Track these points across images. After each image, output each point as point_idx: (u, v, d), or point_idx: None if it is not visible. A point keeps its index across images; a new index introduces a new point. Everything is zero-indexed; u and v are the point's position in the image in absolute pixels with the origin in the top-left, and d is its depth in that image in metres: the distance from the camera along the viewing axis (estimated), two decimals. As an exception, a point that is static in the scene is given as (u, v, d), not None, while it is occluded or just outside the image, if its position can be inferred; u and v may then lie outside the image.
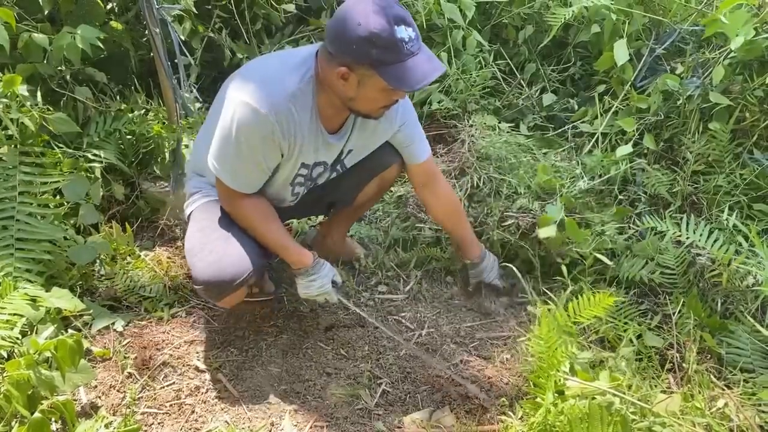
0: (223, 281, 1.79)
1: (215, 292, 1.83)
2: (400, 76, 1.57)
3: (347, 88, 1.64)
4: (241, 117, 1.65)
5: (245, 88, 1.67)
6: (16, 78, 2.17)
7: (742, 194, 2.35)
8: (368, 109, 1.73)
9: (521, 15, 3.10)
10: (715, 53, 2.59)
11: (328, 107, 1.75)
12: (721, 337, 2.01)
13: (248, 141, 1.68)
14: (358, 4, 1.55)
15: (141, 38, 2.90)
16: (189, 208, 1.98)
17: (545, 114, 2.94)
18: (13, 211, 2.08)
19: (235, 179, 1.78)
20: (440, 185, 2.15)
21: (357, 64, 1.58)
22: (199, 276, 1.80)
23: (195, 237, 1.88)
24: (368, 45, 1.53)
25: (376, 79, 1.59)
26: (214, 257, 1.80)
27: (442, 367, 1.98)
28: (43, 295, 1.89)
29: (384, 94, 1.66)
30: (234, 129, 1.67)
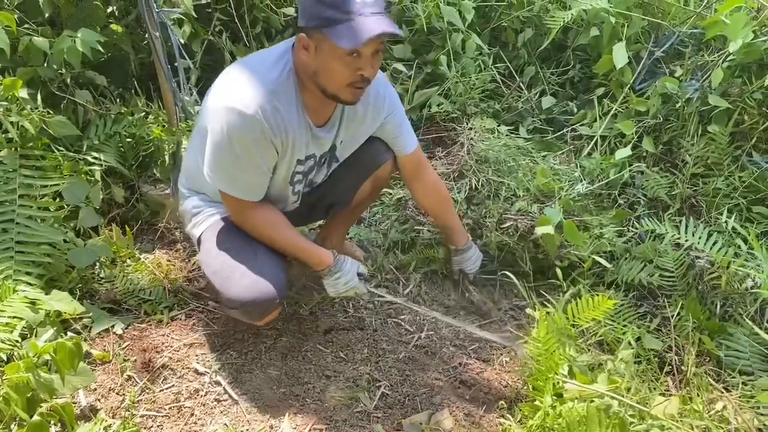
0: (265, 301, 1.80)
1: (257, 313, 1.85)
2: (347, 34, 1.53)
3: (309, 58, 1.63)
4: (229, 123, 1.65)
5: (228, 94, 1.67)
6: (16, 81, 2.18)
7: (741, 197, 2.35)
8: (335, 86, 1.67)
9: (520, 18, 3.10)
10: (714, 56, 2.60)
11: (312, 99, 1.74)
12: (720, 340, 2.02)
13: (242, 145, 1.68)
14: None
15: (141, 41, 2.91)
16: (197, 228, 1.96)
17: (544, 117, 2.95)
18: (13, 214, 2.08)
19: (238, 188, 1.77)
20: (428, 174, 2.16)
21: (312, 28, 1.58)
22: (238, 299, 1.79)
23: (219, 259, 1.85)
24: (318, 4, 1.54)
25: (328, 43, 1.57)
26: (250, 279, 1.80)
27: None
28: (42, 298, 1.89)
29: (341, 62, 1.60)
30: (225, 136, 1.67)
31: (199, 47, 2.88)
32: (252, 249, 1.86)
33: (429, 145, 2.88)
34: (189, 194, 2.01)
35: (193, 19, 2.79)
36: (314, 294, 2.25)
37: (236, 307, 1.82)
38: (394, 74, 2.86)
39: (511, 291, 2.34)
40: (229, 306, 1.85)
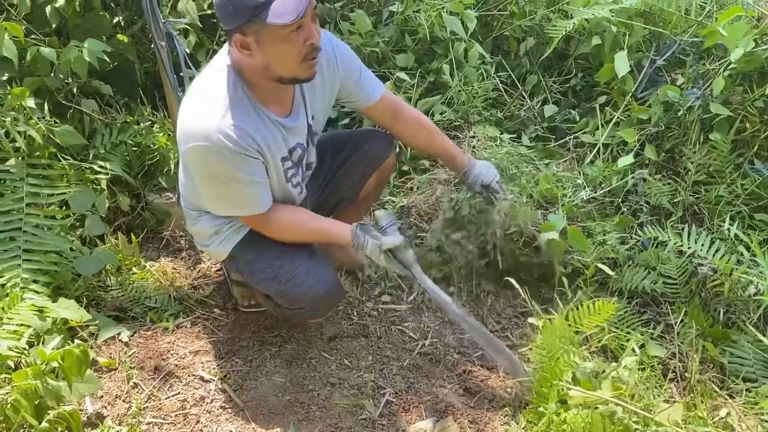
0: (334, 293, 1.93)
1: (326, 307, 1.98)
2: (281, 10, 1.49)
3: (254, 57, 1.59)
4: (201, 158, 1.65)
5: (188, 131, 1.65)
6: (24, 91, 2.21)
7: (743, 204, 2.36)
8: (291, 68, 1.63)
9: (522, 27, 3.12)
10: (715, 64, 2.61)
11: (268, 94, 1.71)
12: (724, 347, 2.03)
13: (224, 172, 1.67)
14: None
15: (147, 51, 2.93)
16: (222, 245, 1.92)
17: (547, 125, 2.96)
18: (20, 223, 2.11)
19: (245, 207, 1.78)
20: (406, 111, 2.09)
21: (244, 25, 1.53)
22: (307, 296, 1.85)
23: (272, 267, 1.87)
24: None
25: (268, 28, 1.52)
26: (316, 276, 1.86)
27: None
28: (49, 306, 1.91)
29: (287, 42, 1.57)
30: (205, 171, 1.69)
31: (205, 57, 2.90)
32: (303, 252, 1.90)
33: (432, 153, 2.89)
34: (199, 214, 1.94)
35: (198, 29, 2.81)
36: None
37: (304, 305, 1.87)
38: (398, 83, 2.88)
39: (514, 298, 2.35)
40: (295, 306, 1.89)
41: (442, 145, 2.15)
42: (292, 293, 1.85)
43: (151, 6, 2.26)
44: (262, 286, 1.91)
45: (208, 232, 1.93)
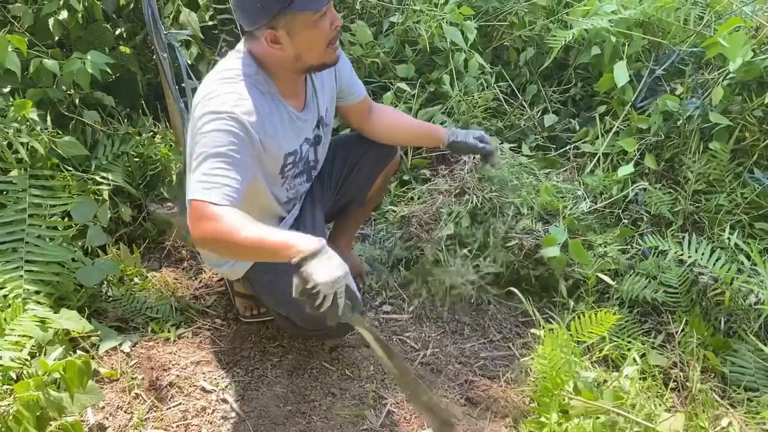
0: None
1: (345, 329, 1.95)
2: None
3: (285, 49, 1.62)
4: (212, 119, 1.57)
5: (203, 106, 1.61)
6: (27, 103, 2.22)
7: (743, 213, 2.37)
8: (318, 54, 1.68)
9: (522, 37, 3.14)
10: (714, 74, 2.63)
11: (289, 87, 1.73)
12: (725, 356, 2.03)
13: (226, 135, 1.57)
14: None
15: (148, 62, 2.95)
16: (238, 266, 1.89)
17: (547, 134, 2.97)
18: (22, 234, 2.11)
19: (211, 184, 1.52)
20: (379, 106, 2.16)
21: (274, 19, 1.56)
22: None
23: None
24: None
25: (299, 17, 1.57)
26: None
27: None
28: (51, 317, 1.91)
29: (317, 26, 1.61)
30: (209, 131, 1.57)
31: (206, 68, 2.91)
32: None
33: (433, 162, 2.90)
34: None
35: (199, 41, 2.83)
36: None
37: (324, 327, 1.79)
38: (398, 93, 2.89)
39: (516, 308, 2.35)
40: (316, 327, 1.88)
41: (419, 124, 2.23)
42: (312, 316, 1.83)
43: (153, 18, 2.28)
44: (283, 308, 1.90)
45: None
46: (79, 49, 2.55)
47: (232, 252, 1.63)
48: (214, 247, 1.60)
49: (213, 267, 2.00)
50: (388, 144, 2.17)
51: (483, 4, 3.20)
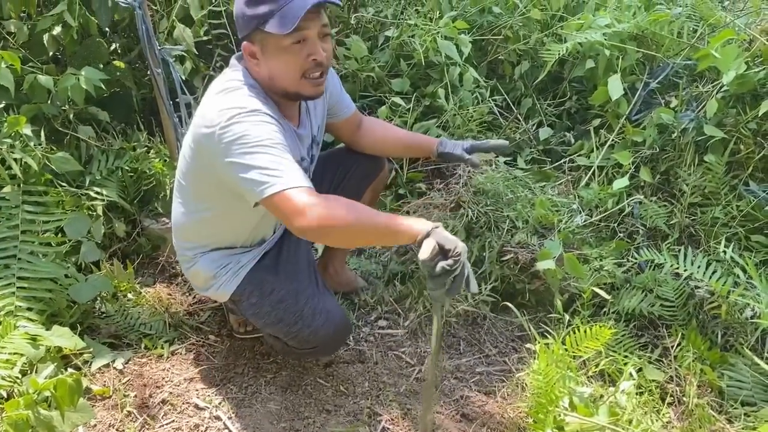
0: (343, 332, 1.92)
1: (334, 346, 2.01)
2: (280, 20, 1.54)
3: (260, 66, 1.64)
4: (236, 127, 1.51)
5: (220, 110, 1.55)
6: (20, 119, 2.22)
7: (739, 226, 2.36)
8: (291, 82, 1.64)
9: (517, 51, 3.15)
10: (708, 87, 2.63)
11: (280, 104, 1.72)
12: (722, 370, 2.01)
13: (267, 133, 1.52)
14: None
15: (143, 77, 2.95)
16: (222, 289, 1.88)
17: (542, 147, 2.97)
18: (15, 250, 2.10)
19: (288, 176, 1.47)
20: (368, 119, 2.17)
21: (252, 33, 1.61)
22: (316, 337, 1.84)
23: (277, 310, 1.84)
24: (248, 9, 1.58)
25: (272, 38, 1.57)
26: (322, 318, 1.84)
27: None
28: (43, 334, 1.90)
29: (288, 52, 1.60)
30: (242, 141, 1.50)
31: (201, 83, 2.92)
32: (306, 289, 1.87)
33: (428, 176, 2.90)
34: (193, 256, 1.90)
35: (194, 56, 2.83)
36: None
37: (315, 345, 1.87)
38: (393, 107, 2.89)
39: (512, 322, 2.34)
40: (305, 347, 1.89)
41: (407, 136, 2.21)
42: (301, 335, 1.84)
43: (147, 34, 2.29)
44: (269, 329, 1.90)
45: (204, 275, 1.89)
46: (74, 65, 2.55)
47: (350, 236, 1.52)
48: (332, 233, 1.47)
49: (200, 291, 1.96)
50: (378, 156, 2.18)
51: (477, 19, 3.21)
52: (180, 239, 1.93)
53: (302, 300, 1.84)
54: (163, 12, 2.83)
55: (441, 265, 1.40)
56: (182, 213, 1.86)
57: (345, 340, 2.05)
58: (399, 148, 2.22)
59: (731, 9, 3.42)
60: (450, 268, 1.40)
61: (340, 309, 1.92)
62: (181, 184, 1.84)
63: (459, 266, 1.41)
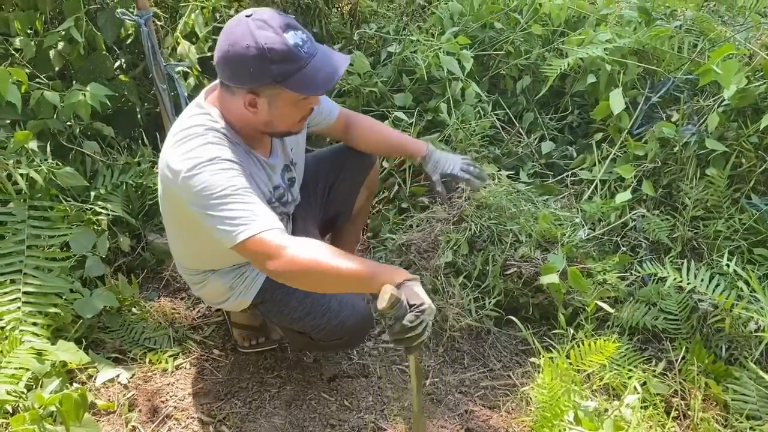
0: (368, 323, 1.95)
1: (360, 337, 2.04)
2: (309, 81, 1.53)
3: (259, 114, 1.60)
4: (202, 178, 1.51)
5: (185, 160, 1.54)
6: (27, 135, 2.24)
7: (741, 239, 2.37)
8: (287, 126, 1.68)
9: (518, 66, 3.17)
10: (710, 101, 2.65)
11: (253, 139, 1.71)
12: (727, 384, 2.01)
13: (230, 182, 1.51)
14: (237, 27, 1.50)
15: (148, 93, 2.98)
16: (243, 297, 1.89)
17: (544, 161, 2.99)
18: (21, 265, 2.11)
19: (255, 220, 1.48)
20: (358, 118, 2.15)
21: (260, 86, 1.54)
22: (344, 328, 1.87)
23: (304, 304, 1.85)
24: (265, 62, 1.48)
25: (285, 94, 1.56)
26: (349, 309, 1.86)
27: None
28: (49, 349, 1.91)
29: (298, 106, 1.62)
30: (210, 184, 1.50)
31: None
32: None
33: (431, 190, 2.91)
34: (203, 277, 1.90)
35: (198, 72, 2.86)
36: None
37: (341, 336, 1.89)
38: (396, 122, 2.91)
39: (516, 336, 2.34)
40: (333, 338, 1.90)
41: (397, 137, 2.23)
42: (329, 326, 1.85)
43: (152, 50, 2.31)
44: (298, 324, 1.90)
45: (220, 290, 1.89)
46: (80, 80, 2.58)
47: (322, 281, 1.48)
48: (304, 278, 1.48)
49: (216, 304, 1.97)
50: (365, 153, 2.19)
51: (479, 34, 3.24)
52: (184, 267, 1.94)
53: (329, 293, 1.84)
54: (168, 28, 2.87)
55: (402, 322, 1.36)
56: (177, 242, 1.90)
57: (369, 331, 2.11)
58: (385, 148, 2.27)
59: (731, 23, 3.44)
60: (410, 324, 1.36)
61: (364, 300, 1.94)
62: (165, 217, 1.86)
63: (419, 325, 1.36)
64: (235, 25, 1.51)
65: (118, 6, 2.57)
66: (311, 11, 3.36)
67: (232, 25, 1.52)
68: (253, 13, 1.51)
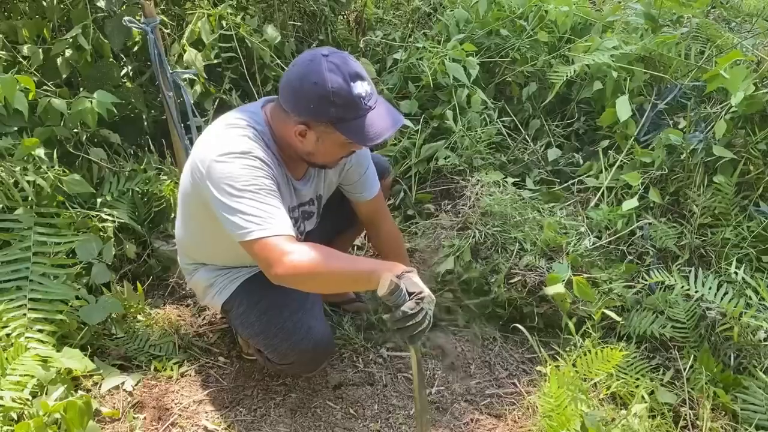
0: (324, 349, 1.91)
1: (314, 363, 1.96)
2: (360, 131, 1.59)
3: (305, 144, 1.66)
4: (228, 167, 1.58)
5: (217, 147, 1.62)
6: (35, 142, 2.25)
7: (750, 247, 2.35)
8: (325, 161, 1.76)
9: (524, 73, 3.17)
10: (717, 108, 2.63)
11: (289, 160, 1.77)
12: (735, 393, 1.99)
13: (254, 178, 1.58)
14: (312, 62, 1.57)
15: (154, 100, 2.99)
16: (216, 298, 1.95)
17: (551, 168, 2.98)
18: (27, 272, 2.11)
19: (269, 224, 1.54)
20: (386, 222, 2.17)
21: (315, 121, 1.60)
22: (294, 352, 1.84)
23: (261, 321, 1.87)
24: (327, 103, 1.55)
25: (336, 136, 1.62)
26: (302, 334, 1.84)
27: None
28: (54, 356, 1.90)
29: (342, 148, 1.69)
30: (231, 177, 1.57)
31: (211, 105, 2.95)
32: (290, 303, 1.87)
33: (437, 197, 2.91)
34: (194, 268, 2.01)
35: (204, 79, 2.86)
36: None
37: (292, 361, 1.88)
38: (402, 129, 2.91)
39: (522, 344, 2.32)
40: (284, 362, 1.90)
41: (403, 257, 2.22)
42: (281, 348, 1.85)
43: (159, 57, 2.32)
44: (253, 340, 1.94)
45: (203, 285, 1.98)
46: (87, 87, 2.59)
47: (324, 283, 1.58)
48: (306, 281, 1.56)
49: (201, 301, 2.07)
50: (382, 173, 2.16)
51: (485, 41, 3.24)
52: (181, 254, 2.05)
53: (286, 313, 1.85)
54: (175, 36, 2.88)
55: (402, 308, 1.39)
56: (182, 229, 1.97)
57: (324, 359, 2.02)
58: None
59: (738, 30, 3.44)
60: (410, 311, 1.39)
61: (325, 328, 1.91)
62: (180, 201, 1.92)
63: (419, 312, 1.40)
64: (309, 59, 1.58)
65: (125, 14, 2.58)
66: (317, 18, 3.38)
67: (307, 59, 1.59)
68: (330, 54, 1.57)
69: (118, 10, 2.66)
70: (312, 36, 3.40)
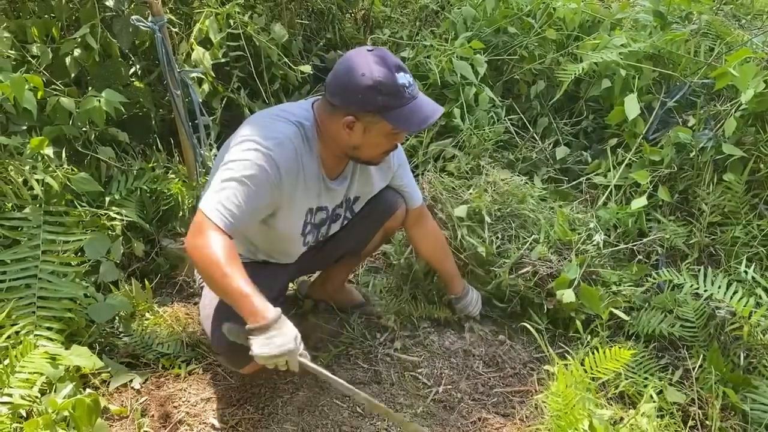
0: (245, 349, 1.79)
1: (239, 361, 1.87)
2: (406, 118, 1.67)
3: (353, 136, 1.72)
4: (246, 151, 1.66)
5: (249, 132, 1.71)
6: (43, 140, 2.25)
7: (760, 245, 2.33)
8: (371, 155, 1.82)
9: (532, 71, 3.16)
10: (726, 106, 2.62)
11: (329, 157, 1.82)
12: (745, 393, 1.97)
13: (252, 169, 1.64)
14: (357, 56, 1.67)
15: (162, 99, 2.99)
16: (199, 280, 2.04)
17: (559, 167, 2.97)
18: (36, 270, 2.12)
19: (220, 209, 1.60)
20: (429, 223, 2.25)
21: (363, 112, 1.67)
22: (221, 345, 1.82)
23: (210, 305, 1.89)
24: (374, 93, 1.63)
25: (382, 125, 1.69)
26: (213, 325, 1.83)
27: None
28: (62, 353, 1.91)
29: (388, 138, 1.75)
30: (237, 162, 1.65)
31: (219, 104, 2.96)
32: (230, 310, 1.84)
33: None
34: None
35: (212, 78, 2.87)
36: (330, 347, 2.25)
37: (220, 353, 1.90)
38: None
39: (530, 342, 2.32)
40: (215, 351, 1.95)
41: (448, 265, 2.31)
42: (213, 337, 1.86)
43: (167, 56, 2.32)
44: (202, 323, 1.97)
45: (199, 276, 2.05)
46: (95, 86, 2.60)
47: (204, 275, 1.64)
48: (195, 262, 1.65)
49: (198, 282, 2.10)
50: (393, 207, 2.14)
51: (493, 39, 3.23)
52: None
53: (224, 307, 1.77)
54: (182, 35, 2.88)
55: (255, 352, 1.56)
56: None
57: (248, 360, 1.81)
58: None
59: (748, 27, 3.41)
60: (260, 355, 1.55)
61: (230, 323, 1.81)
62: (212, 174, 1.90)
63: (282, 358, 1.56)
64: (355, 54, 1.68)
65: (133, 13, 2.59)
66: (325, 17, 3.38)
67: (353, 54, 1.69)
68: (374, 50, 1.68)
69: (126, 9, 2.67)
70: (319, 34, 3.40)
